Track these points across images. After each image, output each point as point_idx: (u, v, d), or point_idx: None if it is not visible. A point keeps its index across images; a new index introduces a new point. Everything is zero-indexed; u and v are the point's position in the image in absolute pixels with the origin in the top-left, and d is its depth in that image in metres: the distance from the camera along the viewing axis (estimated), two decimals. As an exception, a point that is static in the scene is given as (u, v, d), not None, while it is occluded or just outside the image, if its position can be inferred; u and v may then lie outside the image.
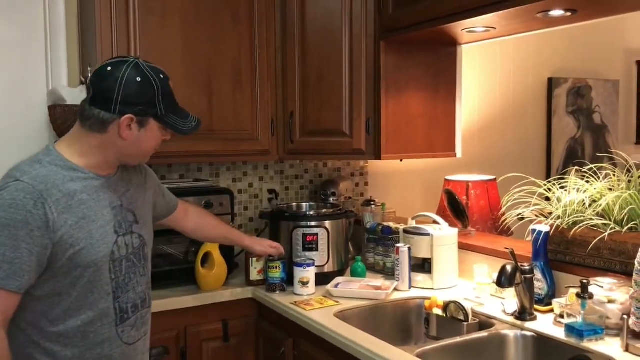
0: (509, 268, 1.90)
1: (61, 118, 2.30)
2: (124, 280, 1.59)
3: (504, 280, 1.89)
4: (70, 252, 1.47)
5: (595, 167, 2.02)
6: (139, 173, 1.75)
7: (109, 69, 1.52)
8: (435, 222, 2.49)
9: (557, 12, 1.95)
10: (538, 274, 2.01)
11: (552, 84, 3.86)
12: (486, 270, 2.22)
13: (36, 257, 1.42)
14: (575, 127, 4.00)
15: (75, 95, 2.29)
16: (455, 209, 2.66)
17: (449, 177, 2.96)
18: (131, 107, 1.50)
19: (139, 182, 1.73)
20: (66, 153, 1.53)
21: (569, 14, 1.96)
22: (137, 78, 1.51)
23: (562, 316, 1.85)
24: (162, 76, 1.56)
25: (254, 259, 2.43)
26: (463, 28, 2.27)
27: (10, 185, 1.43)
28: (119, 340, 1.59)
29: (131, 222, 1.63)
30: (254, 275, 2.44)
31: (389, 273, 2.54)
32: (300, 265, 2.31)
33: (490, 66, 3.61)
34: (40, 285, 1.47)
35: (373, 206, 2.86)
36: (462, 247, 2.44)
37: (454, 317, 2.00)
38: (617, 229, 1.84)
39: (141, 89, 1.51)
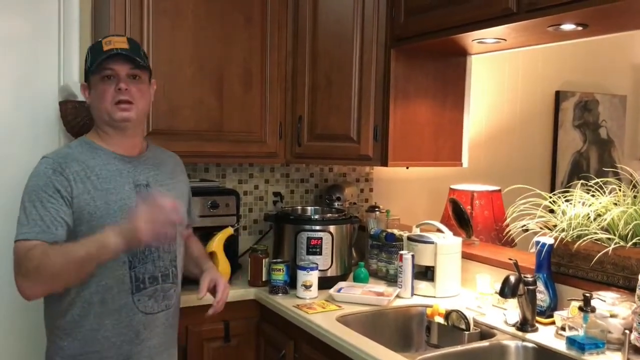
0: (512, 279, 1.91)
1: (72, 114, 2.32)
2: (142, 252, 1.69)
3: (507, 290, 1.90)
4: (89, 219, 1.62)
5: (601, 181, 2.02)
6: (175, 163, 1.93)
7: None
8: (439, 230, 2.50)
9: (568, 27, 1.96)
10: (540, 286, 2.02)
11: (559, 97, 3.87)
12: (489, 280, 2.23)
13: (63, 214, 1.60)
14: (581, 141, 4.00)
15: (87, 92, 2.31)
16: (459, 218, 2.67)
17: (454, 186, 2.97)
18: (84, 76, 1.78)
19: (174, 172, 1.89)
20: (92, 137, 1.76)
21: (580, 28, 1.96)
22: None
23: (563, 329, 1.85)
24: (100, 39, 1.74)
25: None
26: (473, 39, 2.28)
27: (40, 162, 1.68)
28: (135, 308, 1.69)
29: None
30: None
31: (392, 280, 2.55)
32: (303, 268, 2.32)
33: (499, 77, 3.62)
34: None
35: (377, 212, 2.87)
36: (466, 256, 2.44)
37: (455, 326, 2.00)
38: (622, 243, 1.85)
39: (85, 58, 1.76)
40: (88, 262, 1.54)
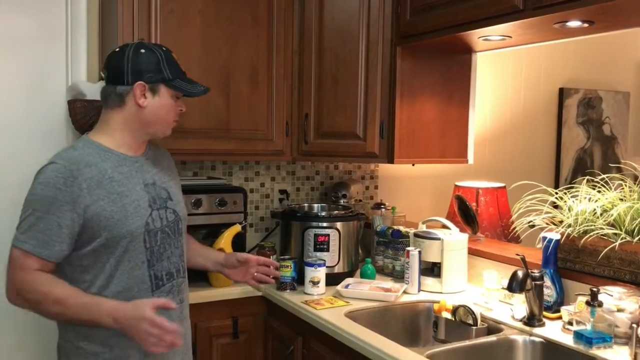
0: (520, 274, 1.92)
1: (80, 113, 2.33)
2: (158, 250, 1.73)
3: (514, 285, 1.92)
4: (106, 224, 1.62)
5: (607, 177, 2.04)
6: (168, 159, 1.93)
7: (116, 50, 1.74)
8: (445, 226, 2.52)
9: (574, 23, 1.97)
10: (547, 281, 2.03)
11: (563, 94, 3.88)
12: (495, 276, 2.24)
13: (66, 229, 1.59)
14: (584, 137, 4.01)
15: (95, 90, 2.32)
16: (465, 214, 2.68)
17: (459, 183, 2.98)
18: (141, 75, 1.68)
19: (169, 166, 1.91)
20: (97, 137, 1.72)
21: (586, 25, 1.97)
22: (142, 50, 1.71)
23: (570, 323, 1.87)
24: (164, 48, 1.76)
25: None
26: (479, 36, 2.29)
27: (48, 167, 1.63)
28: None
29: (165, 198, 1.79)
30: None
31: (398, 276, 2.57)
32: (311, 265, 2.34)
33: (503, 74, 3.64)
34: (86, 256, 1.64)
35: (383, 209, 2.89)
36: (472, 252, 2.46)
37: (462, 321, 2.02)
38: (628, 239, 1.86)
39: (147, 58, 1.70)
40: (78, 322, 1.62)
